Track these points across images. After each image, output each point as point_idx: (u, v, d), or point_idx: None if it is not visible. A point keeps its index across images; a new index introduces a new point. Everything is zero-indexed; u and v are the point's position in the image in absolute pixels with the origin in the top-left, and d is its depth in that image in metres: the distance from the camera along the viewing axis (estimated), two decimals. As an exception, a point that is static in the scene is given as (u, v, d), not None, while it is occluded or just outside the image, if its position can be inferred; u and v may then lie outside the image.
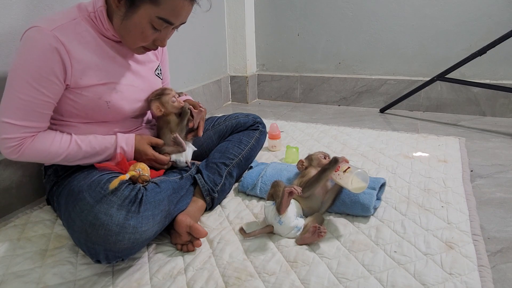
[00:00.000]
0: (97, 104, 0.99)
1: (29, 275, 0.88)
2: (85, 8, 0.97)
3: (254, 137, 1.33)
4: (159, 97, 1.10)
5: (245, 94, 2.59)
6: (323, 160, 1.15)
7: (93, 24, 0.97)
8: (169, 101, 1.10)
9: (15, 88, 0.88)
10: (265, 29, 2.57)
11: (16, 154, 0.92)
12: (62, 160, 0.97)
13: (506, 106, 2.05)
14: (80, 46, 0.93)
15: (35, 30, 0.88)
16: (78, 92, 0.96)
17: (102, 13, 0.95)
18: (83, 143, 0.98)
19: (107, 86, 0.99)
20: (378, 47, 2.30)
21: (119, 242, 0.81)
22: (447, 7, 2.07)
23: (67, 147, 0.96)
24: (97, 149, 1.00)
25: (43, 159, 0.95)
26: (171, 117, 1.11)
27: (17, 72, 0.88)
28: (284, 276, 0.85)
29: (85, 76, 0.95)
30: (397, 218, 1.07)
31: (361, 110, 2.35)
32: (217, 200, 1.16)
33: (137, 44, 0.97)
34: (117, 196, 0.83)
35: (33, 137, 0.92)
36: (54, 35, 0.88)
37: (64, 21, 0.91)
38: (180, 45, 2.01)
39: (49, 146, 0.94)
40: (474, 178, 1.34)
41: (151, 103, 1.10)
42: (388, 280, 0.83)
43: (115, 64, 1.02)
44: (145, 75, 1.10)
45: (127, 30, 0.95)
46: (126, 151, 1.04)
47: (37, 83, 0.89)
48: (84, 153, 0.98)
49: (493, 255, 0.92)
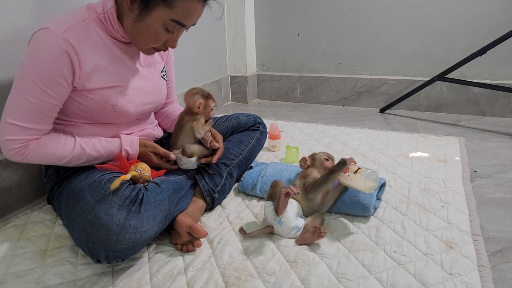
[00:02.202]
0: (103, 106, 0.99)
1: (29, 275, 0.88)
2: (94, 8, 0.97)
3: (254, 138, 1.33)
4: (207, 98, 1.13)
5: (245, 94, 2.59)
6: (326, 163, 1.14)
7: (102, 25, 0.96)
8: (211, 105, 1.14)
9: (23, 90, 0.88)
10: (265, 29, 2.57)
11: (20, 156, 0.91)
12: (66, 163, 0.97)
13: (506, 106, 2.05)
14: (89, 48, 0.93)
15: (45, 32, 0.87)
16: (84, 95, 0.96)
17: (112, 15, 0.95)
18: (87, 146, 0.98)
19: (114, 89, 0.99)
20: (378, 47, 2.30)
21: (120, 242, 0.81)
22: (447, 7, 2.07)
23: (71, 150, 0.96)
24: (101, 152, 1.00)
25: (47, 162, 0.95)
26: (199, 117, 1.13)
27: (26, 73, 0.88)
28: (284, 276, 0.85)
29: (92, 79, 0.95)
30: (397, 218, 1.07)
31: (361, 110, 2.35)
32: (217, 200, 1.16)
33: (148, 45, 0.97)
34: (117, 196, 0.83)
35: (38, 140, 0.92)
36: (64, 38, 0.88)
37: (73, 23, 0.91)
38: (180, 45, 2.00)
39: (54, 149, 0.93)
40: (474, 178, 1.34)
41: (195, 96, 1.11)
42: (388, 280, 0.83)
43: (123, 67, 1.02)
44: (152, 77, 1.11)
45: (139, 32, 0.94)
46: (130, 154, 1.04)
47: (46, 86, 0.88)
48: (88, 156, 0.98)
49: (493, 255, 0.92)
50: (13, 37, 1.15)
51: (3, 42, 1.13)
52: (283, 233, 0.99)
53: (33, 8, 1.20)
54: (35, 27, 1.19)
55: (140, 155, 1.06)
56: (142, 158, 1.06)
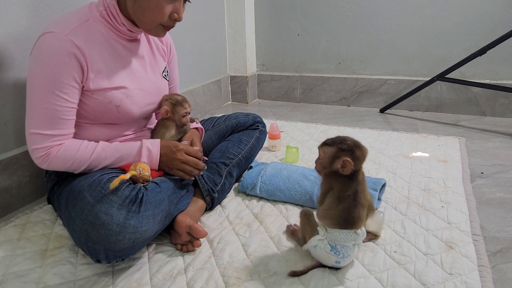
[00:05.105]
0: (107, 107, 0.98)
1: (29, 275, 0.88)
2: (95, 7, 0.96)
3: (254, 137, 1.33)
4: (175, 105, 1.11)
5: (245, 94, 2.59)
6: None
7: (106, 22, 0.96)
8: (180, 112, 1.12)
9: (39, 99, 0.88)
10: (265, 29, 2.57)
11: (45, 164, 0.92)
12: (85, 170, 0.95)
13: (506, 106, 2.05)
14: (95, 48, 0.93)
15: (50, 36, 0.87)
16: (89, 95, 0.96)
17: (114, 7, 0.95)
18: (108, 148, 0.97)
19: (118, 90, 0.99)
20: (378, 47, 2.30)
21: (120, 242, 0.81)
22: (447, 7, 2.07)
23: (90, 155, 0.94)
24: (122, 152, 0.98)
25: (69, 168, 0.94)
26: (171, 124, 1.13)
27: (37, 81, 0.88)
28: (284, 276, 0.85)
29: (97, 79, 0.95)
30: (397, 218, 1.07)
31: (361, 110, 2.35)
32: (217, 200, 1.16)
33: (155, 22, 0.94)
34: (117, 195, 0.83)
35: (60, 146, 0.92)
36: (70, 40, 0.87)
37: (77, 24, 0.91)
38: (180, 45, 2.01)
39: (74, 154, 0.93)
40: (474, 178, 1.34)
41: (164, 103, 1.11)
42: (388, 280, 0.83)
43: (127, 67, 1.02)
44: (154, 77, 1.10)
45: (142, 9, 0.92)
46: (153, 153, 1.02)
47: (60, 91, 0.88)
48: (107, 164, 0.97)
49: (493, 255, 0.92)
50: (13, 37, 1.15)
51: (3, 42, 1.13)
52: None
53: (33, 8, 1.20)
54: (35, 27, 1.20)
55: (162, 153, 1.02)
56: (165, 154, 1.02)
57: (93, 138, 1.00)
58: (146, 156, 0.99)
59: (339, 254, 0.82)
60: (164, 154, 1.01)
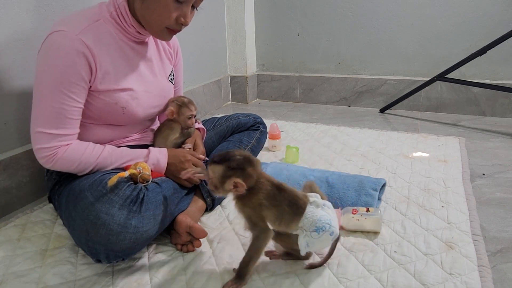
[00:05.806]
0: (113, 108, 0.98)
1: (29, 275, 0.88)
2: (106, 8, 0.96)
3: (254, 137, 1.33)
4: (181, 106, 1.12)
5: (245, 94, 2.59)
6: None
7: (115, 24, 0.96)
8: (185, 113, 1.12)
9: (47, 97, 0.88)
10: (265, 29, 2.57)
11: (50, 164, 0.91)
12: (89, 173, 0.95)
13: (506, 106, 2.05)
14: (103, 49, 0.93)
15: (59, 35, 0.86)
16: (95, 95, 0.95)
17: (124, 8, 0.94)
18: (115, 151, 0.97)
19: (125, 92, 0.99)
20: (378, 47, 2.30)
21: (120, 242, 0.81)
22: (447, 7, 2.07)
23: (96, 159, 0.94)
24: (131, 155, 0.99)
25: (73, 170, 0.93)
26: (176, 126, 1.13)
27: (45, 79, 0.87)
28: (284, 276, 0.85)
29: (104, 80, 0.94)
30: (397, 218, 1.07)
31: (361, 110, 2.35)
32: (217, 201, 1.16)
33: (162, 24, 0.94)
34: (118, 195, 0.83)
35: (67, 147, 0.91)
36: (80, 39, 0.87)
37: (87, 24, 0.90)
38: (180, 45, 2.01)
39: (81, 155, 0.92)
40: (474, 178, 1.34)
41: (170, 104, 1.12)
42: (388, 280, 0.83)
43: (134, 69, 1.01)
44: (161, 81, 1.10)
45: (150, 10, 0.92)
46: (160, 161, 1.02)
47: (68, 90, 0.88)
48: (112, 168, 0.97)
49: (493, 255, 0.92)
50: (13, 37, 1.15)
51: (3, 42, 1.13)
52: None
53: (33, 8, 1.20)
54: (36, 27, 1.20)
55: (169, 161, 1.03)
56: (171, 161, 1.03)
57: (97, 138, 1.00)
58: (153, 165, 0.99)
59: (324, 228, 0.80)
60: (172, 164, 1.02)
